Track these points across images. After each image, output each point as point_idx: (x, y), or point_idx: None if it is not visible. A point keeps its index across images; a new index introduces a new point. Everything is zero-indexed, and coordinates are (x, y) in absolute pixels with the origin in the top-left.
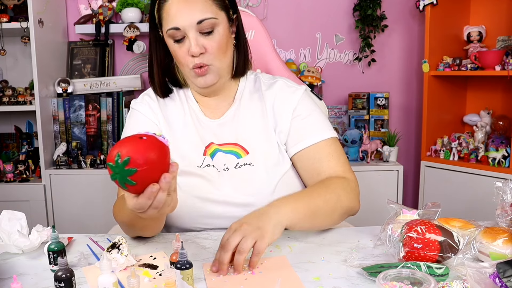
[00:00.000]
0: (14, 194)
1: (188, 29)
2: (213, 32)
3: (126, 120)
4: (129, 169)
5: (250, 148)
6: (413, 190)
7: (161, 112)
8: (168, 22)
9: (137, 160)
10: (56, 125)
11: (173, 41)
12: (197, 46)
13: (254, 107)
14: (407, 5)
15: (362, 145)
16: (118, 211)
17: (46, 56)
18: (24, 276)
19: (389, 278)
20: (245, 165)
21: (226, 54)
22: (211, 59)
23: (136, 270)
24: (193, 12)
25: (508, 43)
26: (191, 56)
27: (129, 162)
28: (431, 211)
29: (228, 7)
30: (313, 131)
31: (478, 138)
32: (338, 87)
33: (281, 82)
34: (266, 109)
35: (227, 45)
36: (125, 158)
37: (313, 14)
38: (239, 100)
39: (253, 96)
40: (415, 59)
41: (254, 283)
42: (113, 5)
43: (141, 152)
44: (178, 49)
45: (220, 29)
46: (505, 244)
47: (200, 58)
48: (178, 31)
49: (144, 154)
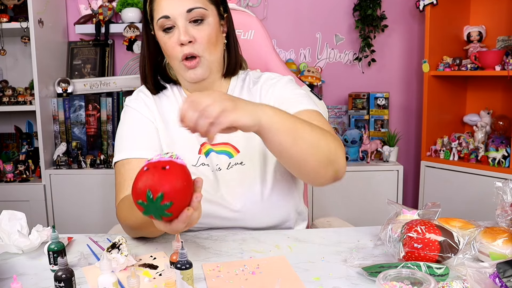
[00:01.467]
0: (14, 194)
1: (177, 17)
2: (203, 22)
3: (121, 117)
4: (165, 204)
5: (240, 146)
6: (413, 190)
7: (156, 109)
8: (158, 12)
9: (170, 193)
10: (56, 125)
11: (163, 33)
12: (186, 34)
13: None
14: (407, 5)
15: (362, 145)
16: (126, 216)
17: (46, 56)
18: (24, 276)
19: (389, 278)
20: (236, 164)
21: (216, 48)
22: (201, 50)
23: (136, 270)
24: (183, 2)
25: (508, 43)
26: (180, 45)
27: (163, 198)
28: (431, 211)
29: (219, 3)
30: (294, 104)
31: (478, 138)
32: (338, 87)
33: (266, 76)
34: (256, 100)
35: (217, 40)
36: (158, 194)
37: (313, 14)
38: (231, 94)
39: (243, 94)
40: (415, 59)
41: (255, 283)
42: (113, 5)
43: (172, 184)
44: (167, 40)
45: (210, 21)
46: (505, 244)
47: (190, 47)
48: (167, 19)
49: (175, 186)
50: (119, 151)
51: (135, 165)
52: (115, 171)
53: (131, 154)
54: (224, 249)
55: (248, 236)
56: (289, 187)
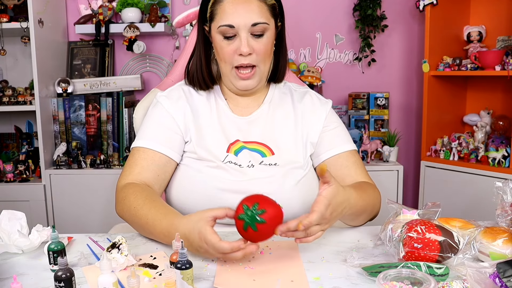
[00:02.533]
0: (14, 194)
1: (241, 28)
2: (263, 36)
3: (149, 108)
4: (260, 210)
5: (276, 149)
6: (413, 190)
7: (188, 104)
8: (222, 18)
9: (263, 204)
10: (56, 125)
11: (222, 37)
12: (248, 46)
13: (285, 111)
14: (407, 5)
15: (362, 145)
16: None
17: (46, 56)
18: (24, 276)
19: (389, 278)
20: (270, 165)
21: (269, 58)
22: (258, 61)
23: (136, 270)
24: (250, 14)
25: (508, 43)
26: (239, 55)
27: (258, 206)
28: (431, 211)
29: (278, 15)
30: (341, 142)
31: (478, 138)
32: (338, 87)
33: (312, 93)
34: (297, 116)
35: (271, 50)
36: (254, 204)
37: (313, 14)
38: (269, 102)
39: (284, 101)
40: (415, 59)
41: (255, 283)
42: (113, 5)
43: (266, 200)
44: (226, 45)
45: (269, 34)
46: (505, 244)
47: (248, 59)
48: (231, 28)
49: (269, 201)
50: (140, 138)
51: (149, 155)
52: (130, 153)
53: (150, 145)
54: None
55: None
56: (312, 194)
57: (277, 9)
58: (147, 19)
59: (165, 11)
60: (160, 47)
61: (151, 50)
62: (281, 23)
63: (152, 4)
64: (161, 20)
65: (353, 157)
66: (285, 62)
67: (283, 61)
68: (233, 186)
